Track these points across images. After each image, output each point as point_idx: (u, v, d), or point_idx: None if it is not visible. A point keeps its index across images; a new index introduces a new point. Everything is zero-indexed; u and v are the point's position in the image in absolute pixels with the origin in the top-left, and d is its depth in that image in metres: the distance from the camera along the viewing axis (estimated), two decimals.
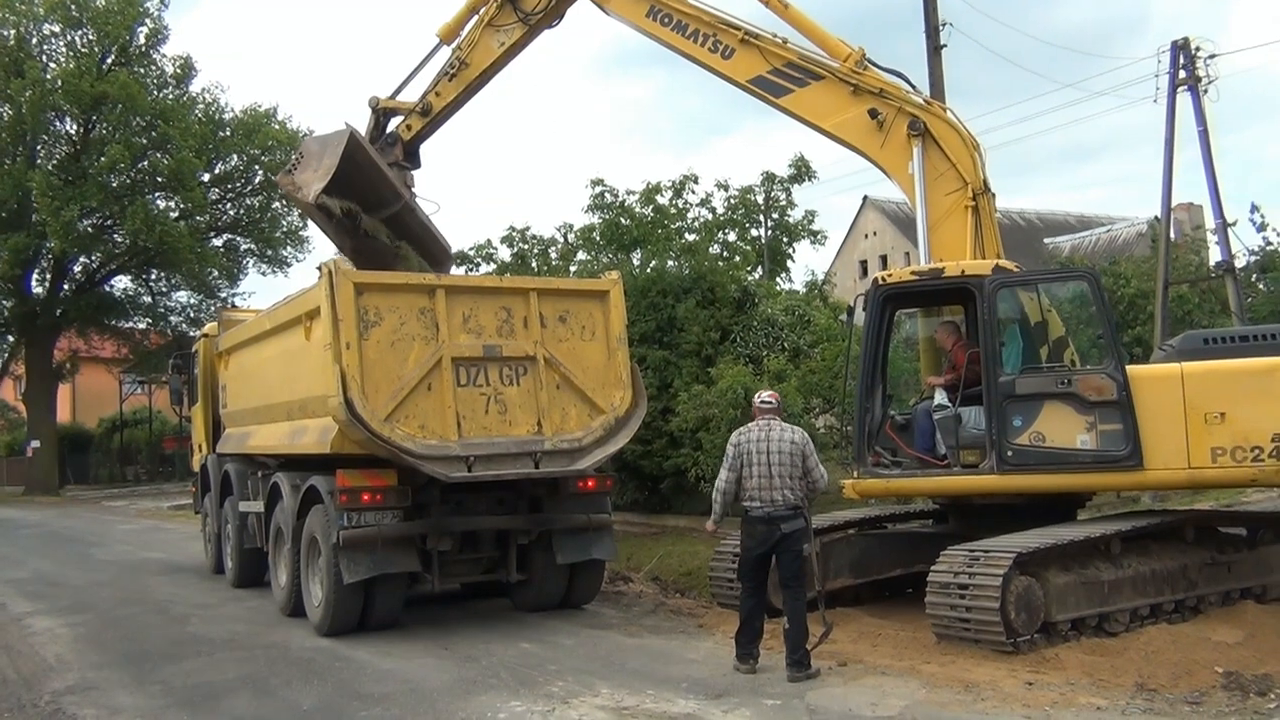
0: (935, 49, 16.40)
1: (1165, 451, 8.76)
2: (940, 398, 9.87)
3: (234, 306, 19.96)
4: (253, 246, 38.97)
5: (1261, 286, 22.88)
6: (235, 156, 36.76)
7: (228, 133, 35.86)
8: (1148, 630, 8.50)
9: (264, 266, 39.24)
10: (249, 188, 37.99)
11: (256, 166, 36.88)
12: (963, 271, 9.66)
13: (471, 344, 9.70)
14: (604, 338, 10.41)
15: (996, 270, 9.55)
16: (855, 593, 10.56)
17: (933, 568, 8.42)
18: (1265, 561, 9.75)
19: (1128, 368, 9.03)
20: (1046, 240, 40.34)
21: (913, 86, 10.77)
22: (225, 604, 12.00)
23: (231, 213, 38.70)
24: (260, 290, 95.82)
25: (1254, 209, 21.70)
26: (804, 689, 7.33)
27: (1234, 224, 19.02)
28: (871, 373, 9.93)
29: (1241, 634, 8.54)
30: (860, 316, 10.18)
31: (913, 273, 10.19)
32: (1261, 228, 22.62)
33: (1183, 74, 18.34)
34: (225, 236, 39.01)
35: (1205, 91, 18.39)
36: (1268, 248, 22.48)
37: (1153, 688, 7.18)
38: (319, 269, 9.43)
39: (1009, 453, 9.11)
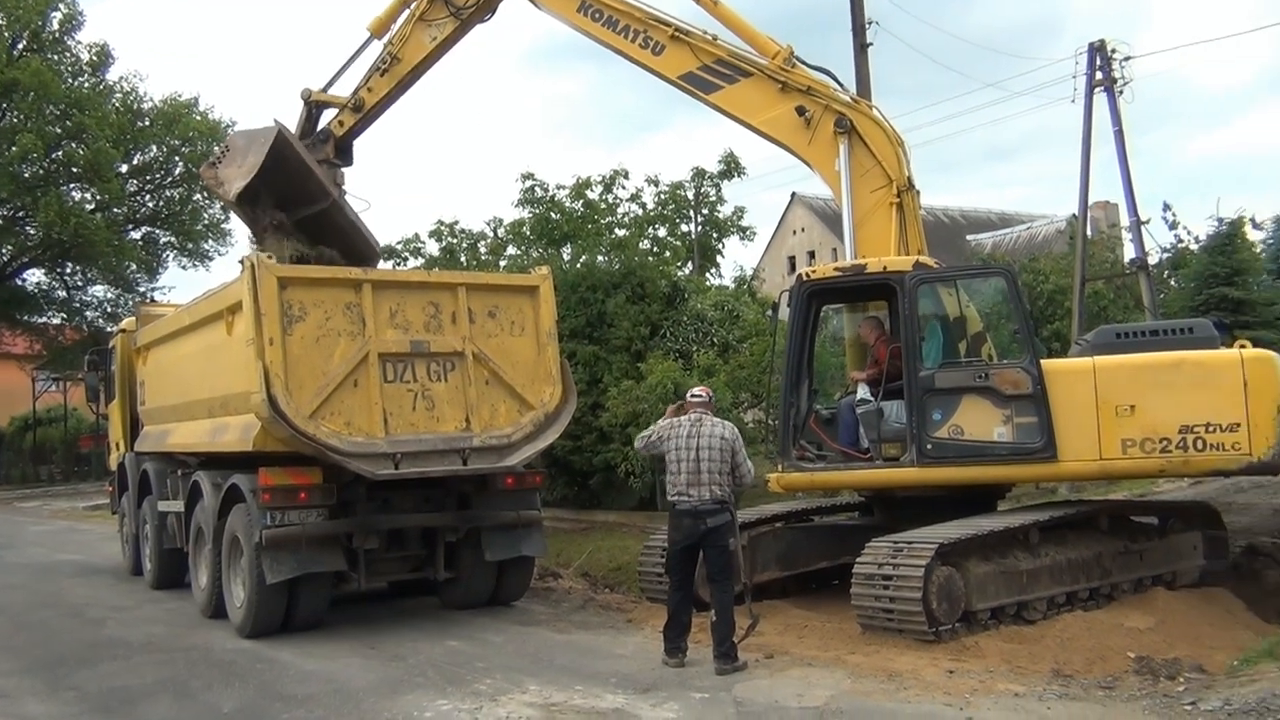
0: (861, 47, 16.62)
1: (1078, 443, 9.02)
2: (863, 392, 10.04)
3: (153, 301, 19.51)
4: (173, 240, 37.97)
5: (1173, 283, 23.60)
6: (155, 147, 35.77)
7: (147, 123, 34.88)
8: (1064, 618, 8.74)
9: (184, 260, 38.25)
10: (169, 179, 36.99)
11: (177, 158, 35.92)
12: (884, 268, 9.82)
13: (399, 339, 9.58)
14: (534, 333, 10.36)
15: (917, 267, 9.72)
16: (782, 585, 10.68)
17: (858, 559, 8.56)
18: (1175, 549, 10.09)
19: (1043, 362, 9.26)
20: (969, 237, 41.17)
21: (840, 84, 10.91)
22: (143, 606, 11.71)
23: (151, 205, 37.66)
24: (181, 285, 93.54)
25: (1166, 207, 22.36)
26: (731, 681, 7.39)
27: (1147, 222, 19.63)
28: (796, 367, 10.05)
29: (1153, 620, 8.83)
30: (785, 312, 10.29)
31: (836, 269, 10.34)
32: (1173, 226, 23.35)
33: (1099, 75, 18.86)
34: (144, 229, 37.96)
35: (1121, 93, 18.92)
36: (1179, 245, 23.21)
37: (1068, 674, 7.39)
38: (241, 262, 9.24)
39: (929, 446, 9.29)
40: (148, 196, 37.56)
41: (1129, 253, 21.51)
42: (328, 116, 12.52)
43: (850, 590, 8.53)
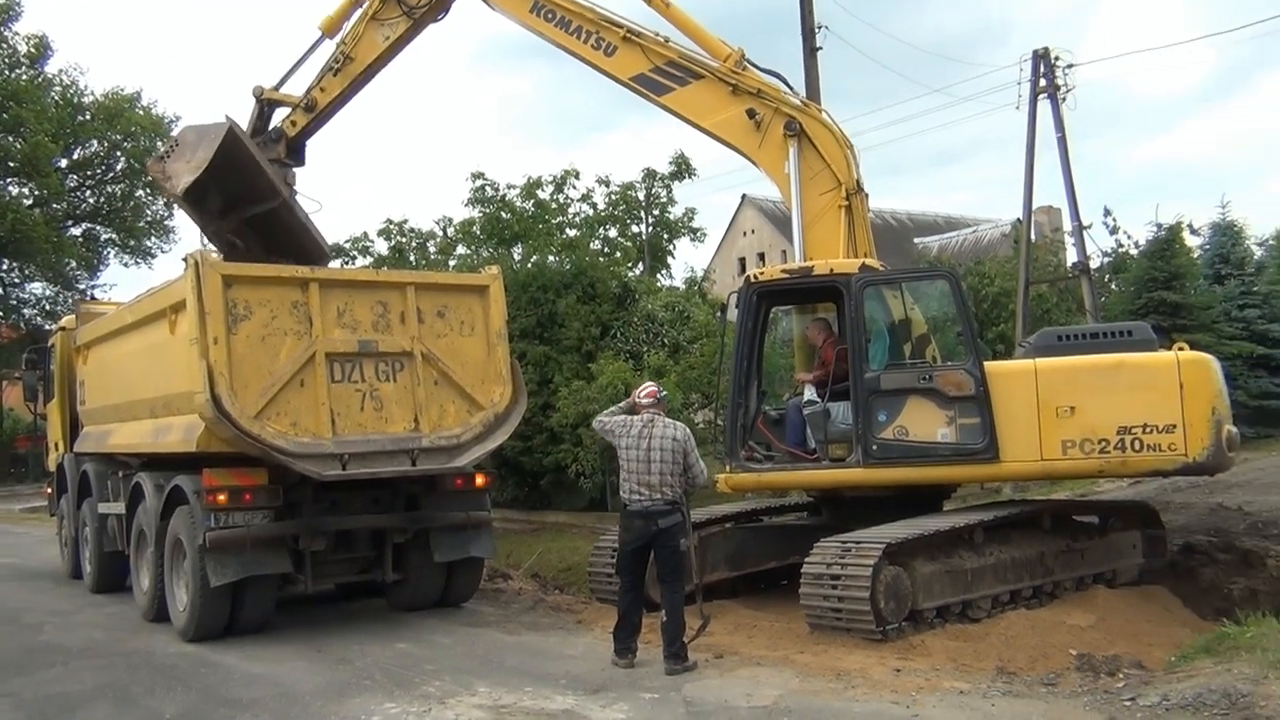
0: (811, 51, 16.76)
1: (1020, 444, 9.13)
2: (810, 394, 10.13)
3: (93, 299, 19.08)
4: (114, 236, 37.29)
5: (1115, 287, 24.10)
6: (96, 142, 35.11)
7: (88, 117, 34.22)
8: (1008, 616, 8.88)
9: (126, 257, 37.60)
10: (111, 175, 36.33)
11: (119, 153, 35.29)
12: (831, 270, 9.91)
13: (346, 339, 9.47)
14: (484, 333, 10.29)
15: (863, 269, 9.82)
16: (732, 586, 10.73)
17: (806, 559, 8.62)
18: (1115, 548, 10.29)
19: (986, 364, 9.39)
20: (916, 240, 41.65)
21: (790, 88, 10.98)
22: (83, 610, 11.46)
23: (91, 201, 36.94)
24: (122, 282, 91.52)
25: (1107, 213, 22.90)
26: (681, 682, 7.40)
27: (1089, 227, 20.05)
28: (746, 369, 10.11)
29: (1094, 617, 9.00)
30: (734, 314, 10.35)
31: (784, 271, 10.44)
32: (1114, 231, 23.89)
33: (1043, 83, 19.21)
34: (84, 225, 37.22)
35: (1064, 100, 19.29)
36: (1119, 250, 23.72)
37: (1012, 671, 7.50)
38: (185, 260, 9.08)
39: (874, 446, 9.40)
40: (88, 192, 36.83)
41: (1072, 256, 21.95)
42: (281, 115, 12.36)
43: (799, 590, 8.59)
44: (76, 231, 36.73)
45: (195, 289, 8.86)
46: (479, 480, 10.42)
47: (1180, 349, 9.26)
